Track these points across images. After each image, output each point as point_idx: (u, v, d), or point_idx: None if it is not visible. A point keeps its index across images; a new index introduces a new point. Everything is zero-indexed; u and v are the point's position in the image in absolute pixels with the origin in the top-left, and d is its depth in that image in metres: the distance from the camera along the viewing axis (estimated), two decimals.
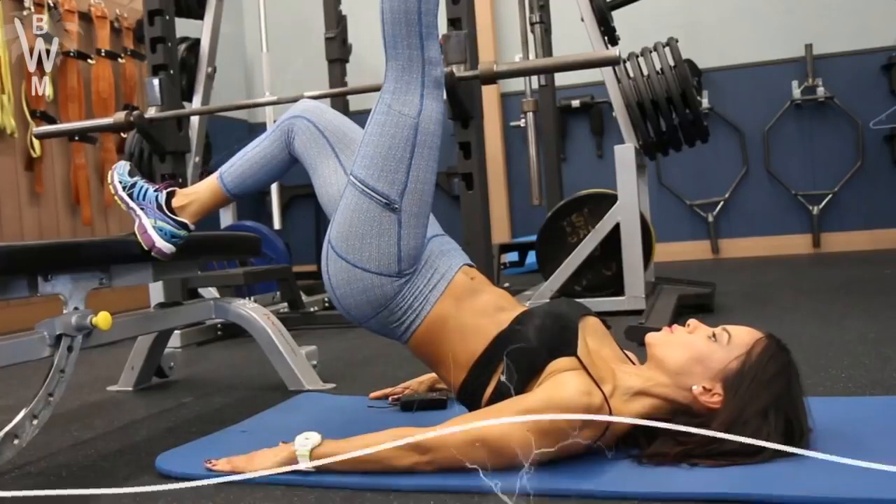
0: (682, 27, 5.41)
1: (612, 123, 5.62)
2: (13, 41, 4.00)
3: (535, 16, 4.13)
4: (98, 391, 2.32)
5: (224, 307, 2.23)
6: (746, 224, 5.84)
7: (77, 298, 1.68)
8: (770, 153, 5.77)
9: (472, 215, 2.80)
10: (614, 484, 1.19)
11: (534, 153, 4.05)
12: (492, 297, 1.48)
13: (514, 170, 6.16)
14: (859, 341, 2.28)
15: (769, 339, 1.29)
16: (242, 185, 1.71)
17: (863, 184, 5.60)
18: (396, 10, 1.39)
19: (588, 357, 1.30)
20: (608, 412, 1.24)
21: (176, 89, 3.13)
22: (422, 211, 1.44)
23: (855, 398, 1.67)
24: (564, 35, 4.67)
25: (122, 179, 1.76)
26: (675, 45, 3.31)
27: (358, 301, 1.44)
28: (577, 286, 3.34)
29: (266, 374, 2.28)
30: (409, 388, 1.84)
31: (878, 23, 5.48)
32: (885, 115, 5.44)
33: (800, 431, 1.24)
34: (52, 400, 1.58)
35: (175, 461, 1.46)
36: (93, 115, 4.45)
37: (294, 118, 1.65)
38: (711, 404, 1.26)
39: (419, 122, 1.42)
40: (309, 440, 1.31)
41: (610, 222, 3.19)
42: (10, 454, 1.49)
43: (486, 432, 1.24)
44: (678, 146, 3.38)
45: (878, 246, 5.45)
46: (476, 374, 1.39)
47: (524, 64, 3.55)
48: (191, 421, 1.89)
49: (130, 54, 4.76)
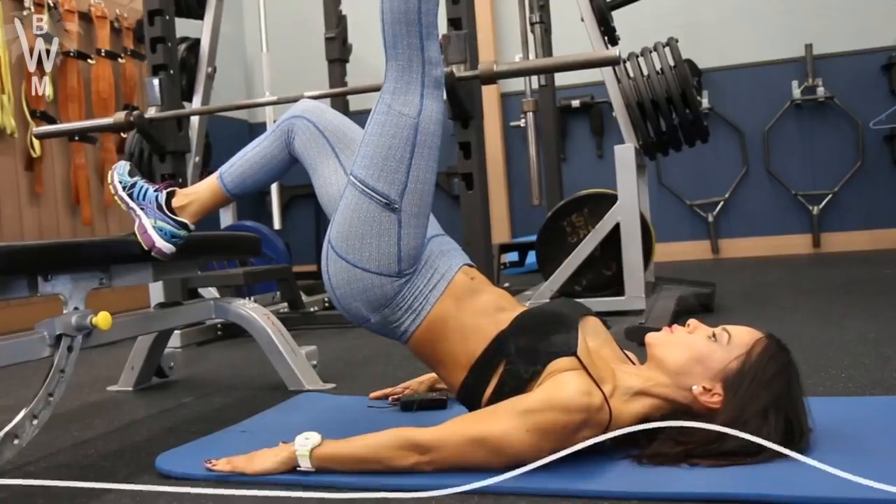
0: (682, 27, 5.41)
1: (612, 123, 5.62)
2: (13, 41, 4.00)
3: (535, 16, 4.13)
4: (98, 391, 2.32)
5: (224, 307, 2.23)
6: (746, 224, 5.84)
7: (77, 298, 1.68)
8: (770, 153, 5.77)
9: (472, 215, 2.80)
10: (614, 484, 1.19)
11: (534, 153, 4.05)
12: (492, 297, 1.48)
13: (514, 170, 6.16)
14: (859, 341, 2.28)
15: (769, 339, 1.29)
16: (242, 185, 1.71)
17: (863, 184, 5.60)
18: (396, 10, 1.39)
19: (588, 357, 1.30)
20: (608, 412, 1.24)
21: (176, 89, 3.13)
22: (422, 211, 1.44)
23: (855, 398, 1.67)
24: (564, 35, 4.67)
25: (122, 179, 1.76)
26: (675, 45, 3.31)
27: (358, 301, 1.44)
28: (577, 286, 3.34)
29: (266, 374, 2.28)
30: (409, 388, 1.84)
31: (878, 23, 5.48)
32: (885, 115, 5.44)
33: (800, 431, 1.24)
34: (52, 400, 1.58)
35: (175, 461, 1.46)
36: (93, 115, 4.45)
37: (294, 118, 1.65)
38: (711, 404, 1.26)
39: (419, 122, 1.42)
40: (309, 440, 1.32)
41: (610, 222, 3.19)
42: (10, 454, 1.49)
43: (486, 432, 1.24)
44: (678, 146, 3.38)
45: (878, 246, 5.45)
46: (476, 374, 1.39)
47: (524, 64, 3.55)
48: (191, 421, 1.89)
49: (130, 54, 4.76)
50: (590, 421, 1.22)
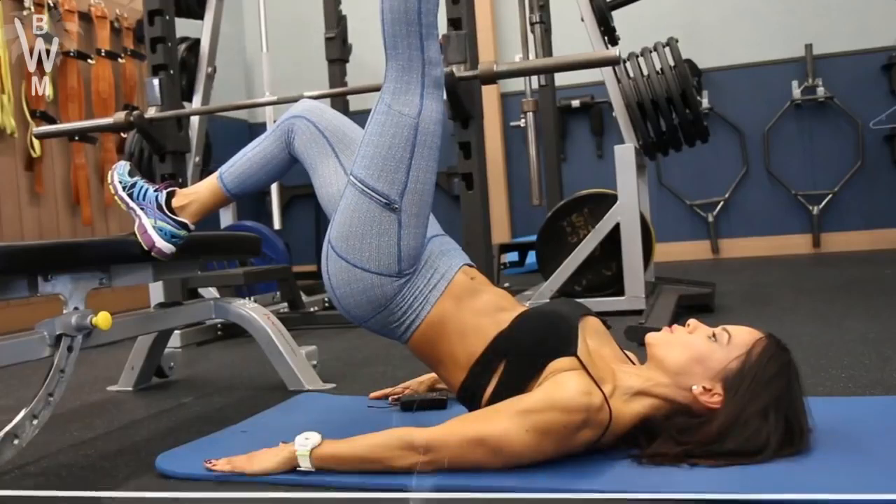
0: (682, 27, 5.41)
1: (612, 123, 5.62)
2: (13, 41, 4.00)
3: (535, 16, 4.12)
4: (98, 391, 2.32)
5: (224, 307, 2.23)
6: (746, 224, 5.84)
7: (77, 298, 1.68)
8: (770, 153, 5.77)
9: (472, 215, 2.80)
10: (614, 484, 1.19)
11: (534, 153, 4.05)
12: (492, 297, 1.48)
13: (514, 170, 6.16)
14: (859, 341, 2.28)
15: (769, 339, 1.29)
16: (242, 185, 1.71)
17: (863, 184, 5.60)
18: (396, 9, 1.39)
19: (588, 357, 1.30)
20: (608, 412, 1.24)
21: (176, 89, 3.13)
22: (422, 211, 1.44)
23: (855, 398, 1.67)
24: (564, 35, 4.67)
25: (122, 179, 1.76)
26: (675, 45, 3.32)
27: (358, 301, 1.44)
28: (577, 286, 3.34)
29: (266, 374, 2.28)
30: (409, 388, 1.84)
31: (878, 23, 5.48)
32: (885, 115, 5.43)
33: (800, 431, 1.24)
34: (52, 400, 1.58)
35: (175, 461, 1.46)
36: (93, 115, 4.45)
37: (294, 118, 1.65)
38: (711, 404, 1.26)
39: (419, 122, 1.42)
40: (309, 440, 1.32)
41: (610, 222, 3.19)
42: (10, 454, 1.49)
43: (486, 432, 1.24)
44: (678, 146, 3.38)
45: (878, 246, 5.45)
46: (476, 374, 1.39)
47: (524, 64, 3.55)
48: (191, 421, 1.89)
49: (130, 54, 4.76)
50: (590, 421, 1.22)
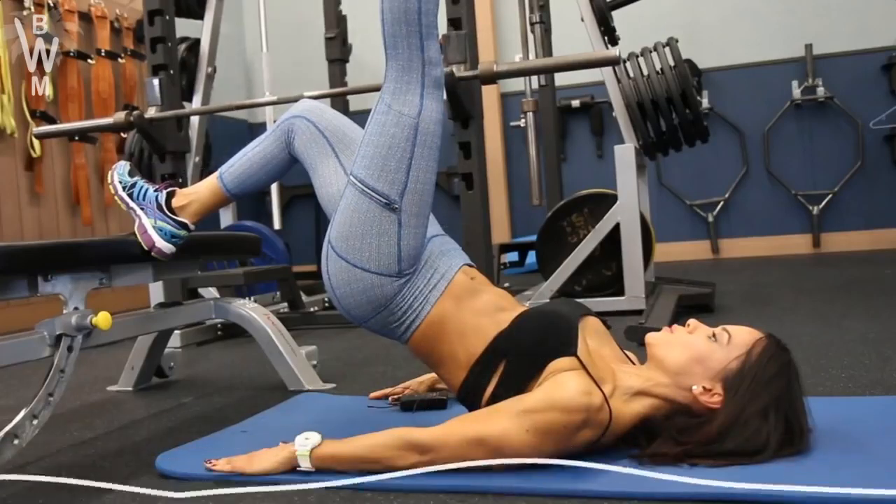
0: (682, 27, 5.41)
1: (612, 123, 5.62)
2: (13, 41, 4.00)
3: (535, 16, 4.12)
4: (98, 391, 2.32)
5: (224, 307, 2.23)
6: (746, 224, 5.84)
7: (77, 298, 1.68)
8: (770, 153, 5.77)
9: (472, 215, 2.80)
10: (614, 484, 1.19)
11: (534, 153, 4.05)
12: (492, 297, 1.48)
13: (514, 170, 6.16)
14: (859, 341, 2.28)
15: (769, 339, 1.29)
16: (242, 185, 1.71)
17: (863, 184, 5.60)
18: (396, 9, 1.39)
19: (588, 357, 1.30)
20: (608, 412, 1.24)
21: (176, 89, 3.13)
22: (422, 211, 1.44)
23: (855, 398, 1.67)
24: (564, 35, 4.67)
25: (122, 179, 1.76)
26: (675, 45, 3.32)
27: (358, 301, 1.44)
28: (577, 286, 3.34)
29: (266, 374, 2.28)
30: (409, 388, 1.84)
31: (878, 23, 5.48)
32: (885, 115, 5.43)
33: (800, 431, 1.24)
34: (52, 400, 1.58)
35: (175, 461, 1.46)
36: (93, 115, 4.45)
37: (294, 118, 1.65)
38: (711, 404, 1.26)
39: (419, 122, 1.42)
40: (309, 440, 1.32)
41: (610, 222, 3.19)
42: (10, 454, 1.49)
43: (486, 432, 1.24)
44: (678, 146, 3.38)
45: (878, 246, 5.45)
46: (476, 374, 1.39)
47: (524, 64, 3.55)
48: (191, 421, 1.89)
49: (130, 54, 4.76)
50: (590, 421, 1.22)
